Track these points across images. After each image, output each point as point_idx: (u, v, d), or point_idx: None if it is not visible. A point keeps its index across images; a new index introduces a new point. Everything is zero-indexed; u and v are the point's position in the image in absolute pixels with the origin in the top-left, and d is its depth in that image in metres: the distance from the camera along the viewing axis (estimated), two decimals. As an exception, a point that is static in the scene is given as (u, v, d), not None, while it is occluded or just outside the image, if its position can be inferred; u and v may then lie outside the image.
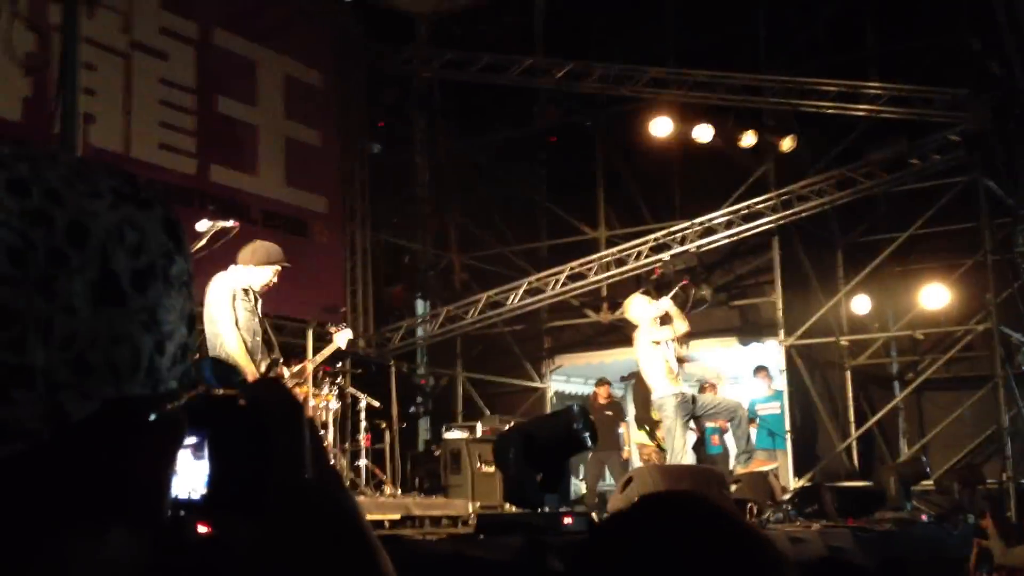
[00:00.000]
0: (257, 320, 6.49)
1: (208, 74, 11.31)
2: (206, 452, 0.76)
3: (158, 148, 10.67)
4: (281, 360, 6.75)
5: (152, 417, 0.65)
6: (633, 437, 9.09)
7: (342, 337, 7.47)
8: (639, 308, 8.75)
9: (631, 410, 13.09)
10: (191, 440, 0.75)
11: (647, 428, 9.06)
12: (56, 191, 0.61)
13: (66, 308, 0.59)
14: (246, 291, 6.42)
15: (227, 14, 11.60)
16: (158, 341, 0.64)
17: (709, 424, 10.82)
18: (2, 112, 9.10)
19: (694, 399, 8.79)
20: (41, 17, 9.43)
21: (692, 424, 9.58)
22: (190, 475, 0.76)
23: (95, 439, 0.62)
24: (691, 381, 11.68)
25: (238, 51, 11.76)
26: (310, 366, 7.21)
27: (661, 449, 8.99)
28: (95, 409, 0.61)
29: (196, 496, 0.76)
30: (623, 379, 11.84)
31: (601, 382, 11.80)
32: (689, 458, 9.31)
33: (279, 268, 6.58)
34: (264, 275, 6.51)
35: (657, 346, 8.56)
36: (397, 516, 6.81)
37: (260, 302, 6.60)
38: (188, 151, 11.00)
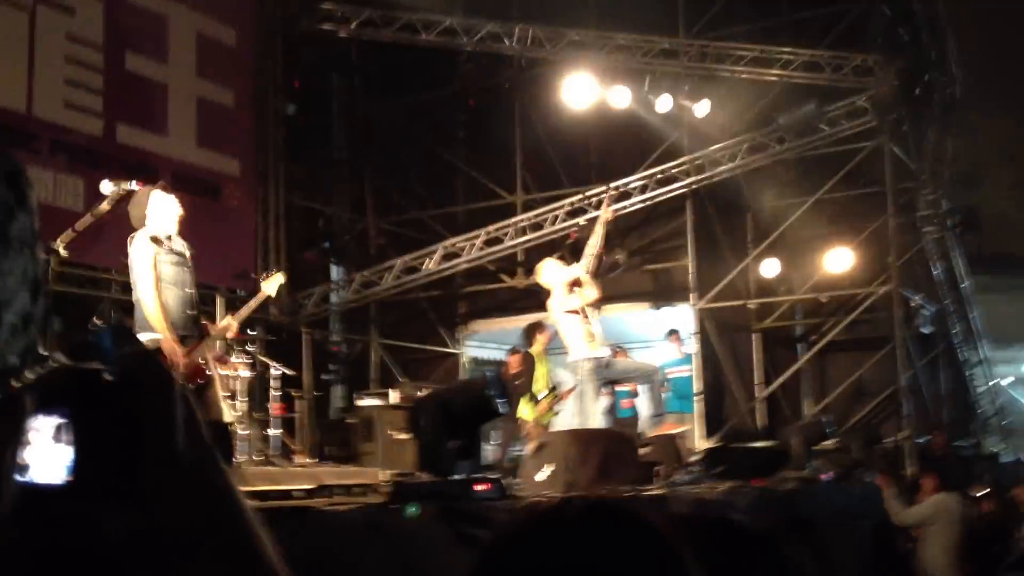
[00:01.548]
0: (187, 272, 6.31)
1: (117, 30, 10.96)
2: (67, 433, 0.71)
3: (63, 107, 10.34)
4: (201, 319, 6.59)
5: None
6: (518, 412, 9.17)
7: (272, 284, 7.18)
8: (551, 273, 8.82)
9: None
10: (50, 420, 0.69)
11: (532, 402, 9.16)
12: None
13: None
14: (168, 240, 6.24)
15: (137, -32, 11.24)
16: None
17: (619, 388, 11.01)
18: None
19: (608, 364, 8.92)
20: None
21: (604, 388, 9.73)
22: (50, 458, 0.70)
23: None
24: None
25: (149, 7, 11.40)
26: (231, 323, 6.93)
27: (540, 425, 9.14)
28: None
29: (59, 480, 0.70)
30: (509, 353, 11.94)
31: (514, 351, 11.92)
32: (600, 422, 9.48)
33: (158, 190, 6.30)
34: (161, 209, 6.23)
35: (572, 314, 8.66)
36: (310, 485, 6.81)
37: (190, 254, 6.40)
38: (95, 110, 10.68)
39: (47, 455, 0.69)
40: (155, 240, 6.22)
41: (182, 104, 11.73)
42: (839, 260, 11.83)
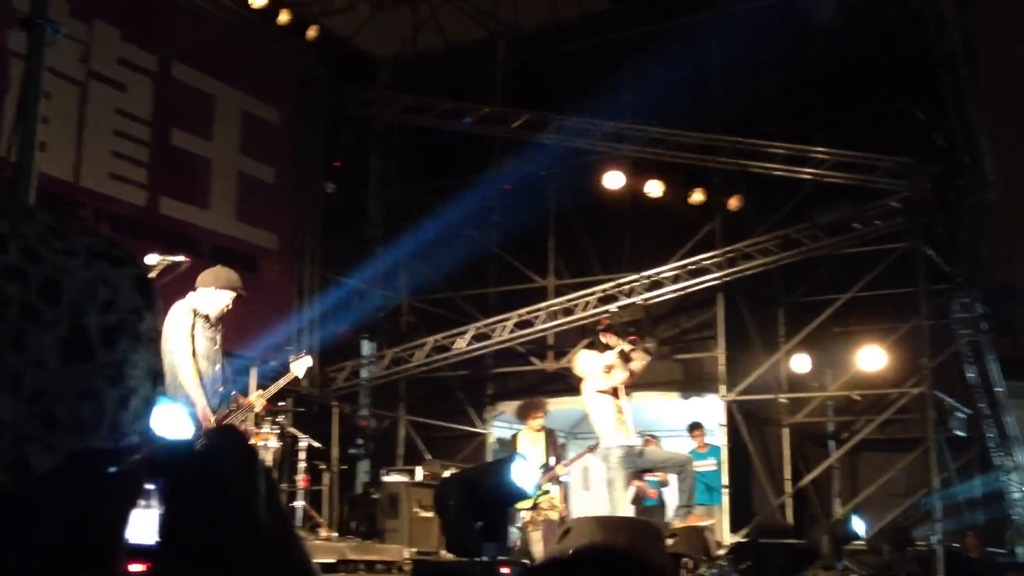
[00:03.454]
0: (217, 348, 6.45)
1: (165, 106, 11.30)
2: (156, 499, 0.76)
3: (109, 178, 10.63)
4: (233, 392, 6.68)
5: (112, 470, 0.66)
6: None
7: (300, 366, 7.33)
8: (586, 362, 8.85)
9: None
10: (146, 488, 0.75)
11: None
12: (33, 248, 0.62)
13: (36, 362, 0.60)
14: (206, 318, 6.39)
15: (188, 48, 11.62)
16: (123, 396, 0.65)
17: (650, 477, 10.89)
18: (-47, 135, 9.02)
19: (641, 452, 8.85)
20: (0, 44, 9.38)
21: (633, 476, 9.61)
22: (137, 522, 0.75)
23: (58, 491, 0.62)
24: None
25: (197, 85, 11.77)
26: (259, 400, 7.07)
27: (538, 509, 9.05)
28: (59, 461, 0.61)
29: (147, 543, 0.76)
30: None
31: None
32: (628, 511, 9.37)
33: (236, 295, 6.57)
34: (222, 299, 6.50)
35: (604, 395, 8.65)
36: (332, 560, 6.76)
37: (220, 331, 6.55)
38: (139, 182, 10.96)
39: (137, 519, 0.75)
40: (195, 312, 6.35)
41: (224, 179, 12.01)
42: (872, 359, 11.75)
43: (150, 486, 0.75)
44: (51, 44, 4.92)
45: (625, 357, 8.72)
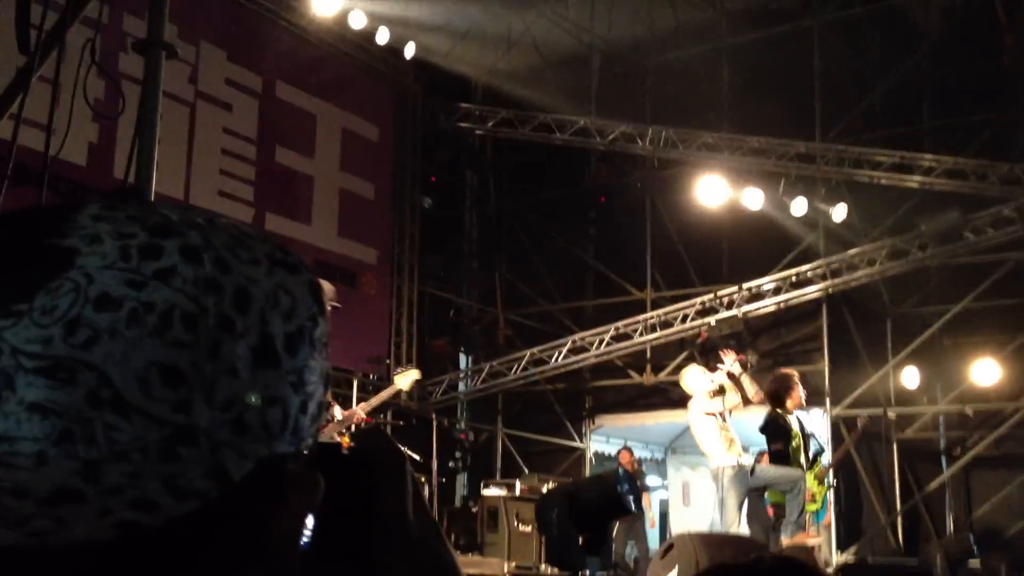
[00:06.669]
0: None
1: (269, 125, 11.59)
2: None
3: (217, 195, 10.92)
4: (332, 404, 6.76)
5: (291, 473, 0.68)
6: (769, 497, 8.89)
7: (406, 379, 7.30)
8: (695, 379, 8.68)
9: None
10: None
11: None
12: (223, 259, 0.64)
13: (229, 371, 0.62)
14: None
15: (290, 68, 11.91)
16: (303, 401, 0.67)
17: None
18: (68, 156, 9.36)
19: (753, 470, 8.65)
20: (112, 65, 9.73)
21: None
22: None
23: (252, 496, 0.64)
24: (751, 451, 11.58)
25: (299, 104, 12.06)
26: (360, 411, 7.15)
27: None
28: (251, 467, 0.63)
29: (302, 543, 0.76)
30: None
31: (624, 448, 11.84)
32: (742, 531, 9.16)
33: (329, 308, 6.63)
34: None
35: (711, 416, 8.49)
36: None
37: None
38: (246, 199, 11.24)
39: None
40: None
41: (326, 195, 12.25)
42: (985, 372, 11.32)
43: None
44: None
45: (733, 379, 8.56)
